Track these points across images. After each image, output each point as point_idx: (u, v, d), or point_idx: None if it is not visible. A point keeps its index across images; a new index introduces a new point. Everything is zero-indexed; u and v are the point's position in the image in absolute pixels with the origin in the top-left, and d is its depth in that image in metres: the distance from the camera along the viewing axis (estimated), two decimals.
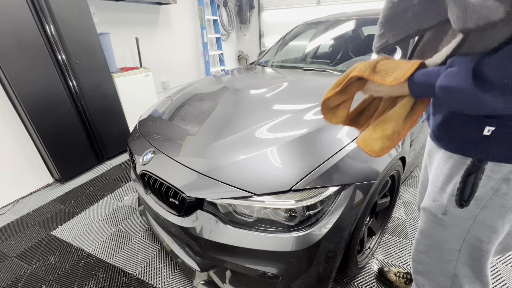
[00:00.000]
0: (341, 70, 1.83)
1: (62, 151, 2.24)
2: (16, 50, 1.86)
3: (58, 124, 2.18)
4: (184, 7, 4.02)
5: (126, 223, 1.80)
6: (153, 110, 1.64)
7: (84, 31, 2.24)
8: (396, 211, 1.79)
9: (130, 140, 1.45)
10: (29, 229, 1.80)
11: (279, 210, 0.87)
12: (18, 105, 1.98)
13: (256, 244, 0.87)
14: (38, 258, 1.55)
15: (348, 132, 1.05)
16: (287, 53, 2.37)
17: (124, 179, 2.36)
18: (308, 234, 0.85)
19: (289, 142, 1.00)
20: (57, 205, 2.04)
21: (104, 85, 2.49)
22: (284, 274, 0.90)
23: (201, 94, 1.67)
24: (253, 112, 1.28)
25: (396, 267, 1.34)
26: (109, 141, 2.65)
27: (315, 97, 1.34)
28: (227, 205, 0.92)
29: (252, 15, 5.33)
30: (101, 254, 1.55)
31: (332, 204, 0.89)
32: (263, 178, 0.90)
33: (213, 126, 1.22)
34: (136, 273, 1.42)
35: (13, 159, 2.09)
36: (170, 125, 1.37)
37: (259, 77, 1.95)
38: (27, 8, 1.88)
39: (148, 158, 1.17)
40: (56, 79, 2.12)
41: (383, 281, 1.29)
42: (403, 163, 1.33)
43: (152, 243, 1.61)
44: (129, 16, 3.14)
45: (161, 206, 1.13)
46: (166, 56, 3.84)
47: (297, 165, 0.91)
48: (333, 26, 2.24)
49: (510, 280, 1.29)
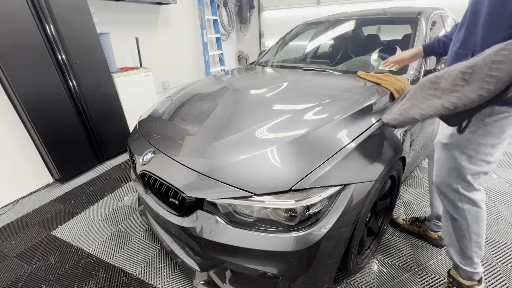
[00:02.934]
0: (341, 70, 1.83)
1: (62, 151, 2.24)
2: (16, 50, 1.86)
3: (58, 124, 2.18)
4: (184, 7, 4.02)
5: (126, 223, 1.80)
6: (153, 110, 1.64)
7: (84, 31, 2.24)
8: (396, 211, 1.80)
9: (130, 140, 1.45)
10: (29, 229, 1.80)
11: (279, 210, 0.87)
12: (18, 105, 1.98)
13: (256, 244, 0.87)
14: (38, 258, 1.55)
15: (348, 132, 1.05)
16: (287, 53, 2.37)
17: (124, 179, 2.36)
18: (308, 234, 0.85)
19: (289, 142, 1.00)
20: (57, 205, 2.04)
21: (104, 85, 2.49)
22: (284, 274, 0.90)
23: (201, 94, 1.67)
24: (253, 112, 1.28)
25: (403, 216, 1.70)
26: (109, 141, 2.65)
27: (315, 97, 1.34)
28: (227, 205, 0.92)
29: (252, 15, 5.33)
30: (101, 254, 1.55)
31: (332, 204, 0.89)
32: (263, 178, 0.90)
33: (213, 126, 1.22)
34: (136, 273, 1.42)
35: (13, 159, 2.09)
36: (170, 125, 1.37)
37: (259, 77, 1.95)
38: (27, 8, 1.88)
39: (148, 158, 1.17)
40: (56, 79, 2.12)
41: (393, 225, 1.66)
42: (403, 163, 1.33)
43: (152, 243, 1.61)
44: (129, 16, 3.14)
45: (161, 206, 1.13)
46: (166, 56, 3.84)
47: (297, 165, 0.91)
48: (333, 26, 2.23)
49: (510, 280, 1.29)
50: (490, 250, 1.46)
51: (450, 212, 1.07)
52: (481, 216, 1.02)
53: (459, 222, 1.05)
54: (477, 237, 1.05)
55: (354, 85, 1.45)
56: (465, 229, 1.05)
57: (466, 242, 1.07)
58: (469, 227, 1.04)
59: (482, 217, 1.03)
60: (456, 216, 1.05)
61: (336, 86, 1.52)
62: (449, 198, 1.05)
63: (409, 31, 1.74)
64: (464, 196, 1.01)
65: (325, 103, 1.24)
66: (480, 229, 1.04)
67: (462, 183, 1.00)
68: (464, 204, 1.02)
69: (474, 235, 1.05)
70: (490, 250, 1.46)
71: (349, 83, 1.52)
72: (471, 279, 1.13)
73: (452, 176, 1.01)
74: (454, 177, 1.01)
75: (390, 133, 1.16)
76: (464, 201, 1.02)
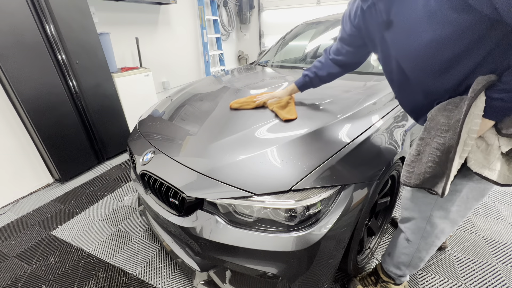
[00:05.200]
0: None
1: (62, 151, 2.24)
2: (16, 50, 1.86)
3: (58, 124, 2.18)
4: (184, 7, 4.02)
5: (126, 223, 1.80)
6: (153, 110, 1.64)
7: (84, 31, 2.24)
8: (396, 211, 1.80)
9: (130, 140, 1.45)
10: (29, 229, 1.80)
11: (279, 210, 0.87)
12: (18, 105, 1.98)
13: (256, 244, 0.87)
14: (38, 258, 1.55)
15: (348, 132, 1.05)
16: (287, 53, 2.37)
17: (124, 179, 2.36)
18: (308, 234, 0.85)
19: (289, 142, 1.00)
20: (57, 205, 2.04)
21: (104, 85, 2.49)
22: (284, 274, 0.90)
23: (201, 94, 1.67)
24: (253, 112, 1.28)
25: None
26: (109, 141, 2.65)
27: (315, 97, 1.34)
28: (227, 205, 0.92)
29: (252, 15, 5.33)
30: (101, 254, 1.55)
31: (332, 204, 0.89)
32: (263, 178, 0.90)
33: (213, 126, 1.22)
34: (136, 273, 1.42)
35: (13, 159, 2.09)
36: (170, 125, 1.37)
37: (259, 77, 1.95)
38: (27, 8, 1.88)
39: (148, 158, 1.17)
40: (56, 79, 2.12)
41: (394, 225, 1.61)
42: (403, 163, 1.33)
43: (152, 243, 1.61)
44: (129, 16, 3.14)
45: (161, 206, 1.13)
46: (166, 56, 3.84)
47: (297, 165, 0.91)
48: (333, 26, 2.23)
49: (510, 280, 1.29)
50: (490, 250, 1.46)
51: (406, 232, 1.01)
52: (435, 246, 0.97)
53: (411, 243, 0.99)
54: (419, 261, 1.01)
55: (354, 85, 1.45)
56: (412, 251, 1.00)
57: (407, 261, 1.04)
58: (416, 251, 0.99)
59: (434, 247, 0.97)
60: (411, 239, 0.99)
61: (336, 86, 1.52)
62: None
63: None
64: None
65: (325, 103, 1.25)
66: (427, 255, 0.99)
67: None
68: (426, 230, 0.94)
69: (418, 259, 1.01)
70: (490, 250, 1.46)
71: (349, 83, 1.52)
72: (390, 278, 1.14)
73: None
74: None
75: (390, 133, 1.16)
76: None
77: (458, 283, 1.29)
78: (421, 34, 0.64)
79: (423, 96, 0.76)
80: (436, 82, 0.70)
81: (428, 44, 0.63)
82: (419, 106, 0.81)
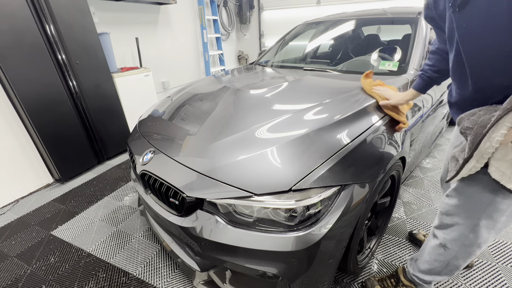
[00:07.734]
0: (341, 70, 1.83)
1: (62, 151, 2.24)
2: (16, 50, 1.86)
3: (58, 124, 2.18)
4: (184, 7, 4.02)
5: (126, 223, 1.80)
6: (153, 110, 1.64)
7: (84, 31, 2.24)
8: (396, 211, 1.80)
9: (130, 140, 1.45)
10: (29, 229, 1.80)
11: (279, 210, 0.87)
12: (18, 105, 1.98)
13: (256, 244, 0.87)
14: (38, 258, 1.55)
15: (348, 132, 1.05)
16: (287, 53, 2.37)
17: (124, 179, 2.36)
18: (308, 234, 0.85)
19: (289, 142, 1.00)
20: (57, 205, 2.04)
21: (104, 85, 2.49)
22: (284, 274, 0.90)
23: (201, 94, 1.67)
24: (253, 112, 1.28)
25: (423, 231, 1.60)
26: (109, 141, 2.65)
27: (315, 97, 1.34)
28: (227, 205, 0.92)
29: (252, 15, 5.33)
30: (101, 254, 1.55)
31: (332, 204, 0.89)
32: (263, 178, 0.90)
33: (213, 126, 1.22)
34: (136, 273, 1.42)
35: (13, 159, 2.09)
36: (170, 125, 1.37)
37: (259, 77, 1.95)
38: (27, 8, 1.88)
39: (148, 158, 1.17)
40: (56, 79, 2.12)
41: (413, 241, 1.54)
42: (403, 163, 1.33)
43: (152, 243, 1.61)
44: (129, 16, 3.14)
45: (161, 206, 1.13)
46: (166, 56, 3.84)
47: (297, 165, 0.91)
48: (333, 26, 2.23)
49: (510, 280, 1.29)
50: (490, 250, 1.46)
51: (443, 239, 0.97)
52: (474, 255, 0.93)
53: (448, 250, 0.96)
54: (455, 269, 0.98)
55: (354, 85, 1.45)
56: (449, 258, 0.97)
57: (440, 268, 1.00)
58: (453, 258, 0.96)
59: (473, 256, 0.94)
60: (449, 246, 0.95)
61: (336, 86, 1.52)
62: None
63: (409, 31, 1.74)
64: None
65: (325, 103, 1.24)
66: (464, 264, 0.96)
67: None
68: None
69: (454, 267, 0.98)
70: (490, 250, 1.46)
71: (349, 83, 1.52)
72: (412, 283, 1.12)
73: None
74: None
75: (390, 134, 1.16)
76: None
77: (458, 283, 1.29)
78: (501, 14, 0.56)
79: (473, 91, 0.72)
80: (498, 77, 0.64)
81: (508, 29, 0.56)
82: (467, 101, 0.76)
